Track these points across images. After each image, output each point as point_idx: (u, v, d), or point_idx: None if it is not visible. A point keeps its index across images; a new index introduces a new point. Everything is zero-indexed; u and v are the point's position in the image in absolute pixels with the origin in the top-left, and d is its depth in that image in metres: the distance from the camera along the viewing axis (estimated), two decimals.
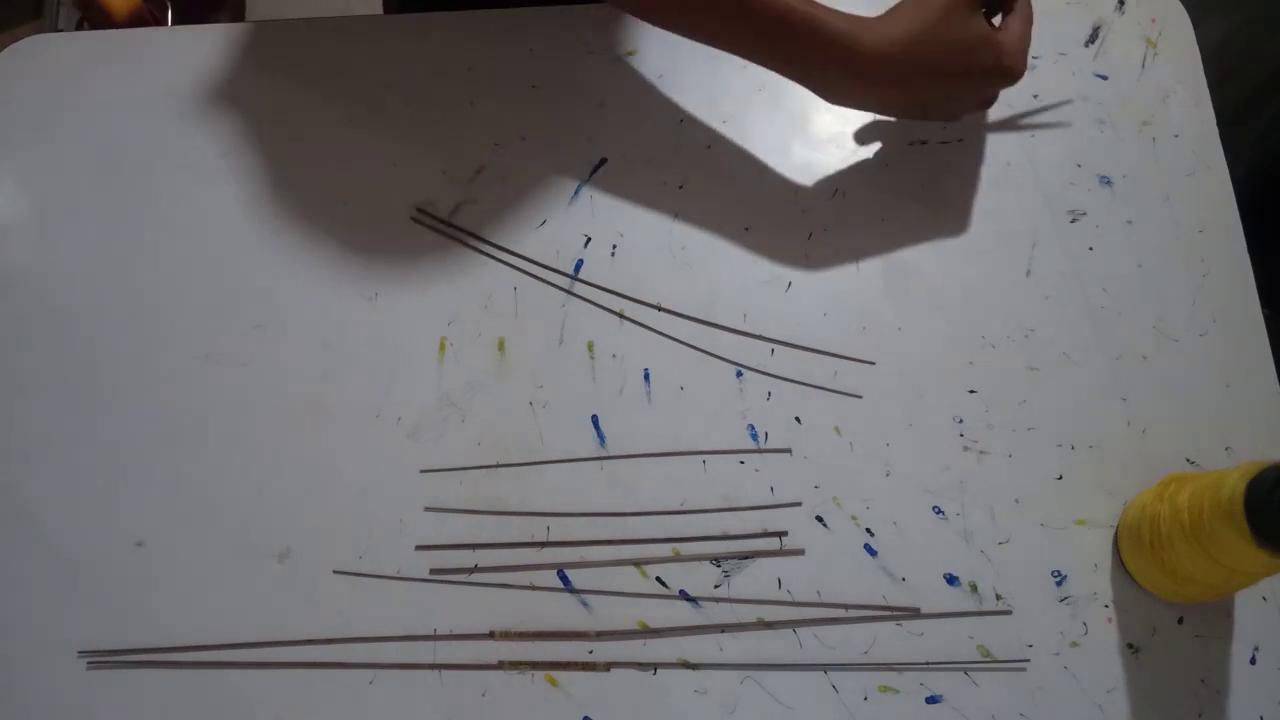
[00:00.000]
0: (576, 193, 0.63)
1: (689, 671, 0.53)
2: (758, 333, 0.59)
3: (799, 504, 0.55)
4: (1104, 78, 0.64)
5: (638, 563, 0.54)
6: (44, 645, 0.54)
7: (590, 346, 0.59)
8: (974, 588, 0.54)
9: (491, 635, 0.53)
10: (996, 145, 0.63)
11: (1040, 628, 0.53)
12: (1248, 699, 0.51)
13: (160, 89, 0.67)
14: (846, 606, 0.53)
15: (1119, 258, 0.60)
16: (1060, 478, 0.55)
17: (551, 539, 0.55)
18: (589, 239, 0.61)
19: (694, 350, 0.59)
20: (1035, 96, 0.63)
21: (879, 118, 0.63)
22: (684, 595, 0.54)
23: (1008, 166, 0.62)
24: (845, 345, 0.58)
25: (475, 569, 0.55)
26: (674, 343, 0.59)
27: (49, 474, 0.58)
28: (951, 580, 0.54)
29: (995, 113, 0.63)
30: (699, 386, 0.58)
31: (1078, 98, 0.63)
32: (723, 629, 0.53)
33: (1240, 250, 0.59)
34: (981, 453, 0.56)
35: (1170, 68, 0.64)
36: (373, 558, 0.55)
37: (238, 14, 1.29)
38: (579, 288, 0.60)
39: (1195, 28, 0.65)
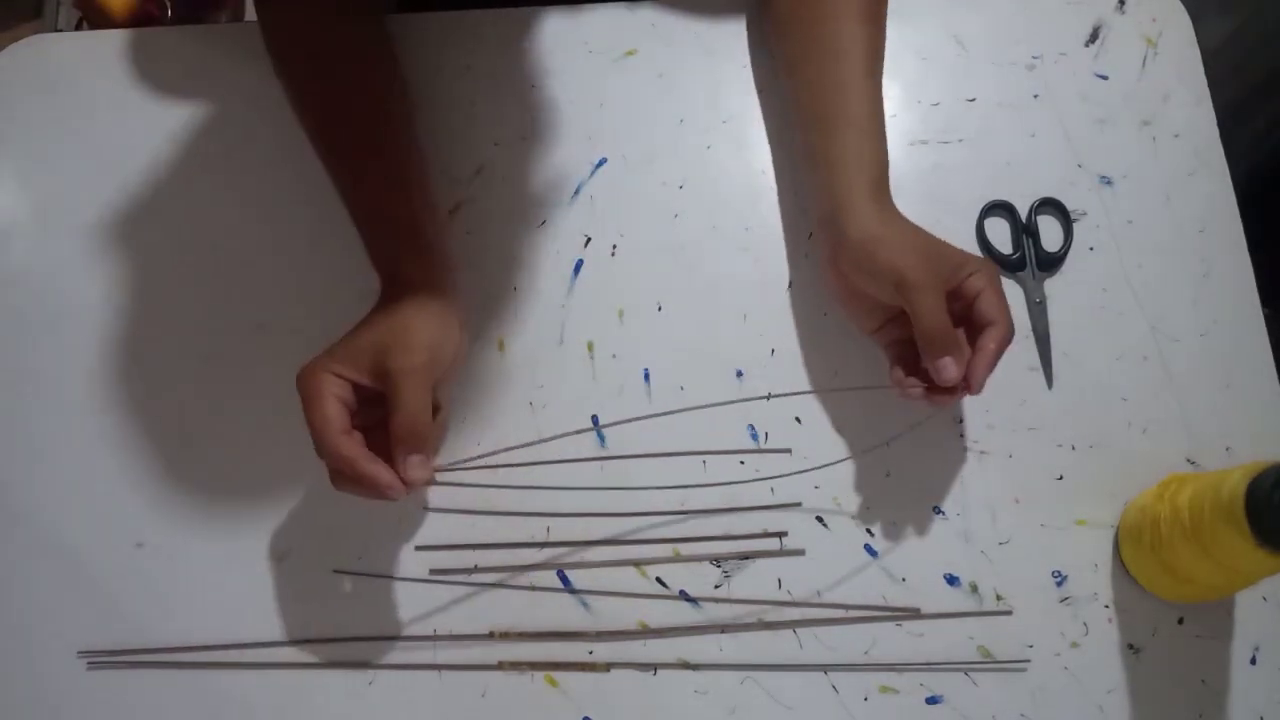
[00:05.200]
0: (576, 193, 0.63)
1: (689, 672, 0.53)
2: (757, 332, 0.59)
3: (799, 504, 0.55)
4: (1104, 77, 0.64)
5: (638, 563, 0.54)
6: (44, 645, 0.54)
7: (590, 346, 0.59)
8: (974, 588, 0.54)
9: (491, 635, 0.53)
10: (996, 145, 0.62)
11: (1040, 628, 0.53)
12: (1248, 699, 0.51)
13: (160, 89, 0.67)
14: (847, 607, 0.53)
15: (1119, 258, 0.60)
16: (1060, 478, 0.55)
17: (551, 539, 0.55)
18: (589, 239, 0.61)
19: (694, 350, 0.59)
20: (1036, 96, 0.63)
21: None
22: (684, 595, 0.54)
23: (1008, 166, 0.62)
24: (845, 344, 0.58)
25: (475, 569, 0.55)
26: (674, 343, 0.59)
27: (49, 474, 0.58)
28: (952, 580, 0.54)
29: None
30: (699, 386, 0.58)
31: (1078, 97, 0.63)
32: (723, 629, 0.53)
33: (1240, 250, 0.59)
34: (982, 453, 0.56)
35: (1170, 67, 0.64)
36: (373, 558, 0.55)
37: (238, 14, 1.29)
38: (579, 287, 0.60)
39: (1195, 27, 0.64)
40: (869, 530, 0.55)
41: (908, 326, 0.52)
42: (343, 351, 0.49)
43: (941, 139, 0.63)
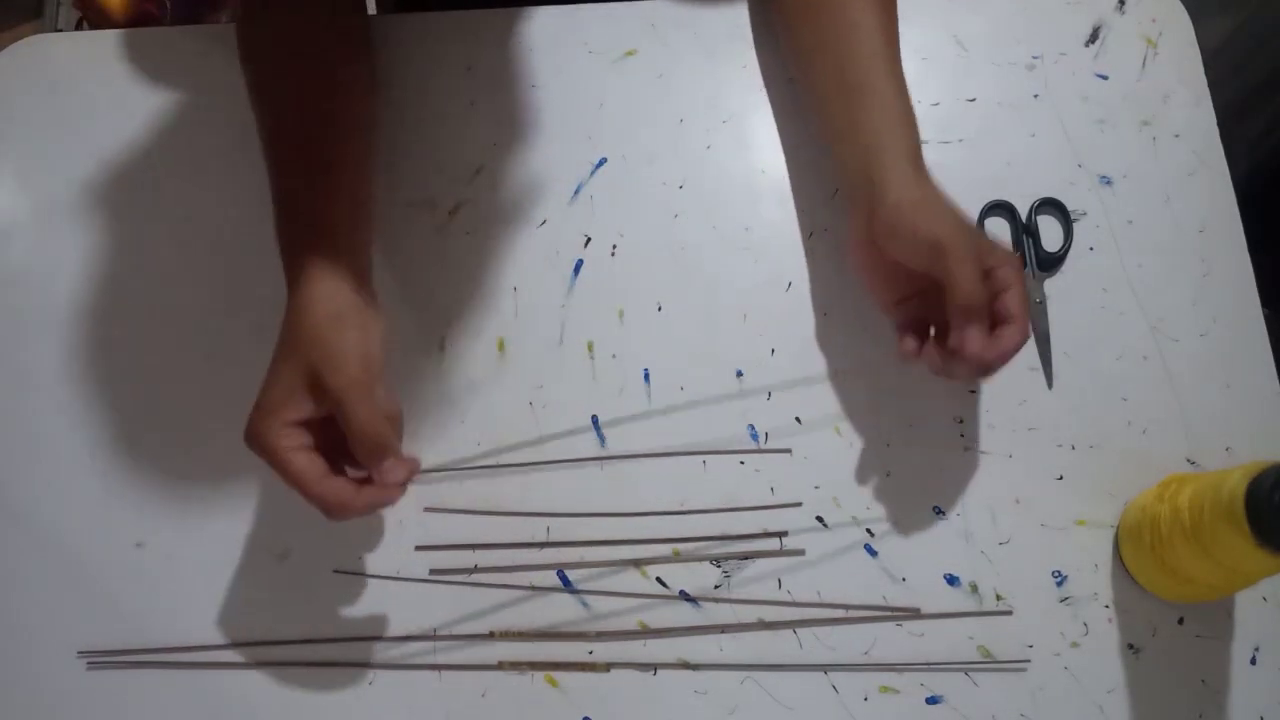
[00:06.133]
0: (576, 193, 0.63)
1: (689, 672, 0.53)
2: (757, 332, 0.59)
3: (799, 504, 0.55)
4: (1104, 77, 0.64)
5: (638, 563, 0.54)
6: (44, 645, 0.54)
7: (590, 346, 0.59)
8: (974, 588, 0.54)
9: (491, 635, 0.53)
10: (997, 145, 0.62)
11: (1041, 628, 0.53)
12: (1248, 699, 0.51)
13: (160, 89, 0.67)
14: (847, 607, 0.53)
15: (1119, 258, 0.60)
16: (1061, 478, 0.55)
17: (551, 539, 0.55)
18: (589, 239, 0.61)
19: (694, 350, 0.59)
20: (1036, 96, 0.63)
21: None
22: (684, 595, 0.54)
23: (1008, 166, 0.62)
24: (845, 345, 0.58)
25: (475, 569, 0.55)
26: (674, 343, 0.59)
27: (49, 474, 0.58)
28: (952, 580, 0.54)
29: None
30: (699, 386, 0.58)
31: (1078, 97, 0.63)
32: (723, 629, 0.53)
33: (1240, 250, 0.59)
34: (982, 453, 0.56)
35: (1171, 67, 0.64)
36: (373, 558, 0.55)
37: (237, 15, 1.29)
38: (579, 287, 0.60)
39: (1195, 27, 0.64)
40: (869, 530, 0.55)
41: (927, 304, 0.52)
42: (276, 398, 0.47)
43: (941, 139, 0.63)
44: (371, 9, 0.78)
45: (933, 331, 0.53)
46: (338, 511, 0.47)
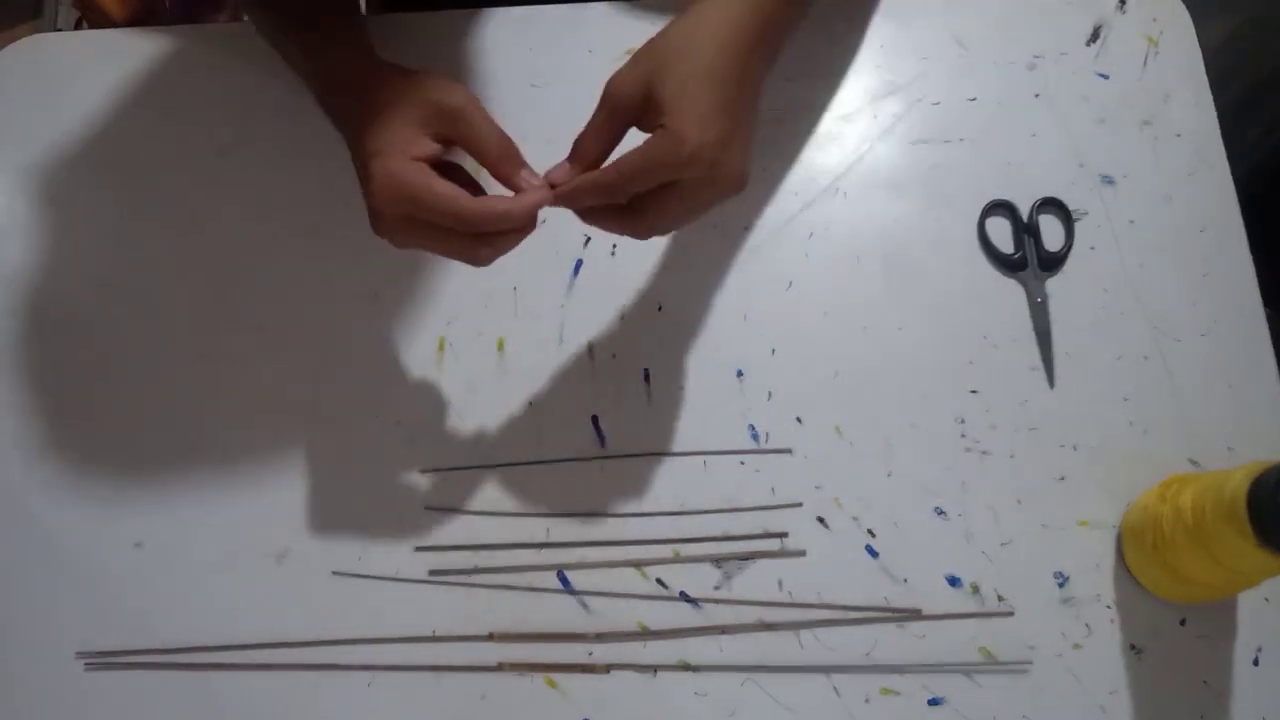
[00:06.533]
0: None
1: (689, 673, 0.52)
2: (757, 332, 0.59)
3: (800, 504, 0.55)
4: (1105, 77, 0.64)
5: (638, 564, 0.54)
6: (42, 646, 0.54)
7: (590, 346, 0.59)
8: (976, 589, 0.53)
9: (491, 637, 0.53)
10: (998, 145, 0.62)
11: (1042, 629, 0.52)
12: (1250, 700, 0.51)
13: (160, 89, 0.67)
14: (848, 608, 0.53)
15: (1120, 257, 0.60)
16: (1062, 478, 0.55)
17: (551, 539, 0.55)
18: (589, 239, 0.61)
19: (694, 350, 0.58)
20: (1036, 96, 0.63)
21: None
22: (684, 596, 0.54)
23: (1009, 166, 0.62)
24: (845, 345, 0.58)
25: (475, 570, 0.55)
26: (674, 343, 0.59)
27: (49, 474, 0.58)
28: (953, 581, 0.54)
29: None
30: (699, 386, 0.58)
31: (1079, 97, 0.63)
32: (723, 630, 0.53)
33: (1241, 250, 0.59)
34: (983, 453, 0.56)
35: (1171, 67, 0.64)
36: (372, 558, 0.55)
37: (237, 14, 1.29)
38: (579, 287, 0.60)
39: (1196, 27, 0.64)
40: (870, 531, 0.54)
41: None
42: (392, 140, 0.45)
43: (943, 139, 0.63)
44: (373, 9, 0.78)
45: None
46: (501, 220, 0.44)
